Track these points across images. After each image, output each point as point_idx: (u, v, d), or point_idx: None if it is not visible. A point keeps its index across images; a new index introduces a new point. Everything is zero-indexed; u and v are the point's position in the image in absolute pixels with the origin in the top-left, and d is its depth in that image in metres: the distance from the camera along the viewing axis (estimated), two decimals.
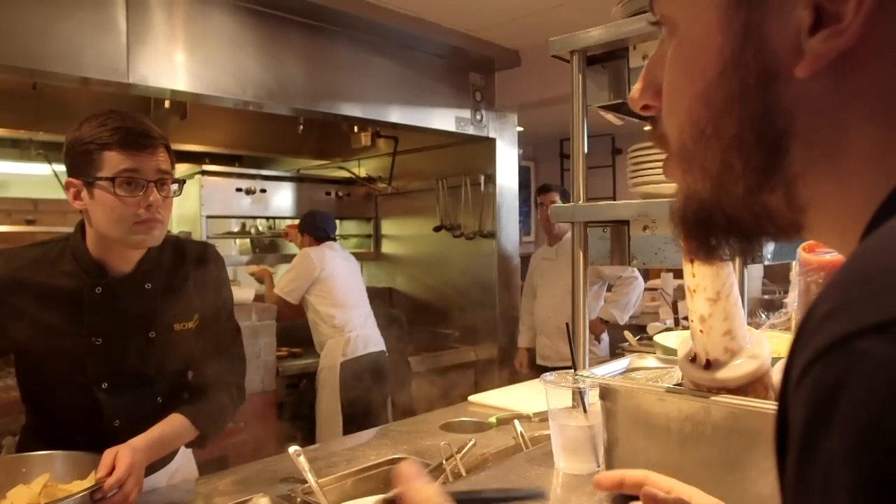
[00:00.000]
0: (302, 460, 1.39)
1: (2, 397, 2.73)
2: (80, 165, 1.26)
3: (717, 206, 0.42)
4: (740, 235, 0.43)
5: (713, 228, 0.43)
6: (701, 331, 0.93)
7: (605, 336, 3.66)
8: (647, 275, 4.10)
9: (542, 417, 1.85)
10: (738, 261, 1.05)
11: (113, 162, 1.24)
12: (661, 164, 1.35)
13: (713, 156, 0.41)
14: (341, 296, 3.48)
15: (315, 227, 3.57)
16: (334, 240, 3.65)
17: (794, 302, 0.96)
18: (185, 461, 1.58)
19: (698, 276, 0.90)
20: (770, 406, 0.90)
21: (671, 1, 0.43)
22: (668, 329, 3.18)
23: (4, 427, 2.56)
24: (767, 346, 0.95)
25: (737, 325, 0.92)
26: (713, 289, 0.90)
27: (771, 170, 0.38)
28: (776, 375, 0.95)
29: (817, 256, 0.87)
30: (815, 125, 0.37)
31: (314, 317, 3.50)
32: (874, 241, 0.33)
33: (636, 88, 0.47)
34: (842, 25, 0.34)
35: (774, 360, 0.96)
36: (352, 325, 3.45)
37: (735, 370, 0.92)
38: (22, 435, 1.45)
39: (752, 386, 0.92)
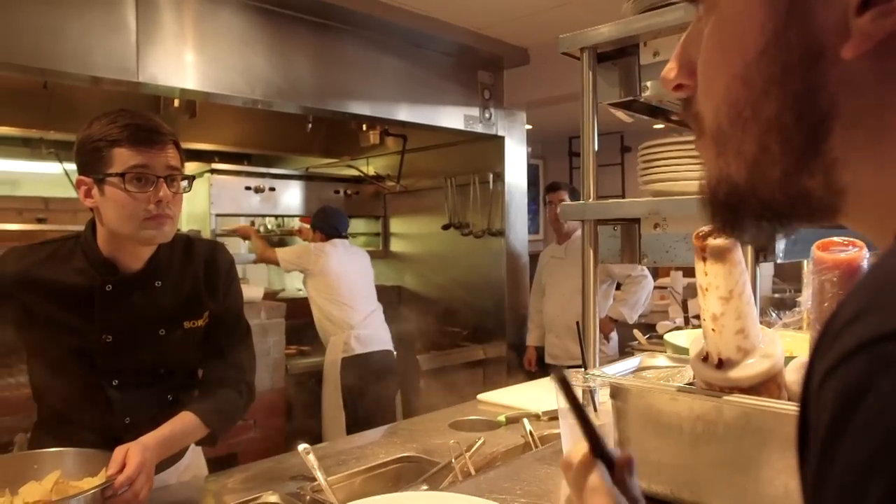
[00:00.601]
0: (311, 458, 1.40)
1: (13, 394, 2.75)
2: (91, 163, 1.26)
3: (751, 191, 0.41)
4: (773, 218, 0.42)
5: (744, 212, 0.42)
6: (713, 329, 0.92)
7: (614, 335, 3.65)
8: (656, 273, 4.08)
9: (551, 416, 1.85)
10: (750, 259, 1.04)
11: (123, 158, 1.24)
12: (672, 161, 1.34)
13: (750, 139, 0.39)
14: (345, 293, 3.48)
15: (326, 225, 3.57)
16: (345, 237, 3.65)
17: (807, 301, 0.95)
18: (194, 458, 1.58)
19: (711, 274, 0.89)
20: (783, 406, 0.89)
21: None
22: (678, 328, 3.17)
23: (16, 424, 2.58)
24: (780, 346, 0.94)
25: (749, 324, 0.91)
26: (726, 287, 0.89)
27: (811, 153, 0.37)
28: (789, 375, 0.94)
29: (831, 255, 0.86)
30: (858, 107, 0.36)
31: (317, 312, 3.52)
32: None
33: (669, 67, 0.46)
34: (892, 4, 0.33)
35: (787, 360, 0.95)
36: (354, 323, 3.45)
37: (748, 369, 0.91)
38: (33, 432, 1.46)
39: (764, 385, 0.91)
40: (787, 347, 0.96)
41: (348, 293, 3.48)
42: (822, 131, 0.37)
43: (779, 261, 1.11)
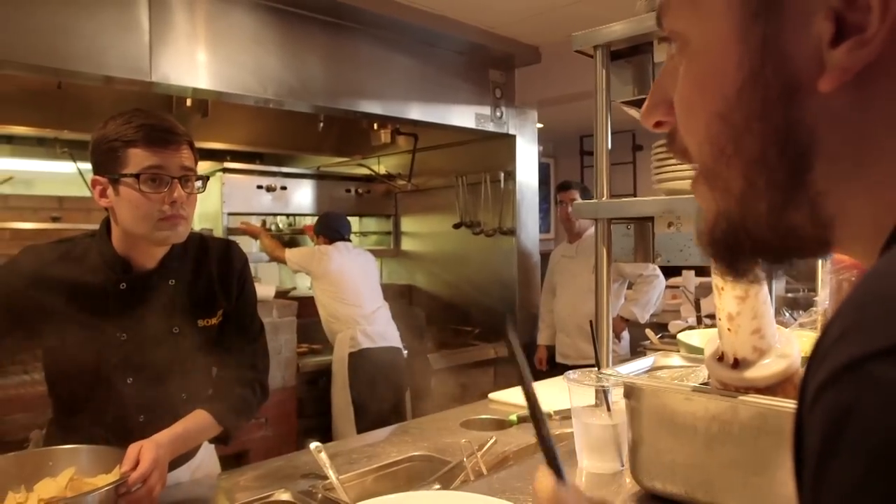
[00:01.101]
0: (323, 456, 1.40)
1: (28, 391, 2.78)
2: (106, 163, 1.27)
3: (742, 228, 0.40)
4: (768, 256, 0.42)
5: (741, 251, 0.42)
6: (729, 329, 0.91)
7: (625, 334, 3.63)
8: (668, 272, 4.05)
9: (563, 416, 1.84)
10: None
11: (138, 159, 1.25)
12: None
13: (735, 174, 0.39)
14: (350, 292, 3.49)
15: (328, 229, 3.60)
16: (348, 240, 3.68)
17: (824, 301, 0.94)
18: (207, 456, 1.59)
19: None
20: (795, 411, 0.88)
21: (681, 16, 0.41)
22: (690, 327, 3.14)
23: (31, 421, 2.60)
24: (797, 346, 0.93)
25: (766, 324, 0.90)
26: (742, 287, 0.88)
27: (795, 187, 0.37)
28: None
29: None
30: (838, 139, 0.36)
31: (323, 312, 3.55)
32: (890, 260, 0.32)
33: (645, 107, 0.46)
34: (866, 36, 0.32)
35: (804, 360, 0.94)
36: (359, 320, 3.46)
37: (764, 369, 0.90)
38: (48, 429, 1.47)
39: (781, 386, 0.90)
40: (803, 347, 0.95)
41: (353, 292, 3.51)
42: (804, 164, 0.37)
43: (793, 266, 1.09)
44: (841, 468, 0.27)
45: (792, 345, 0.92)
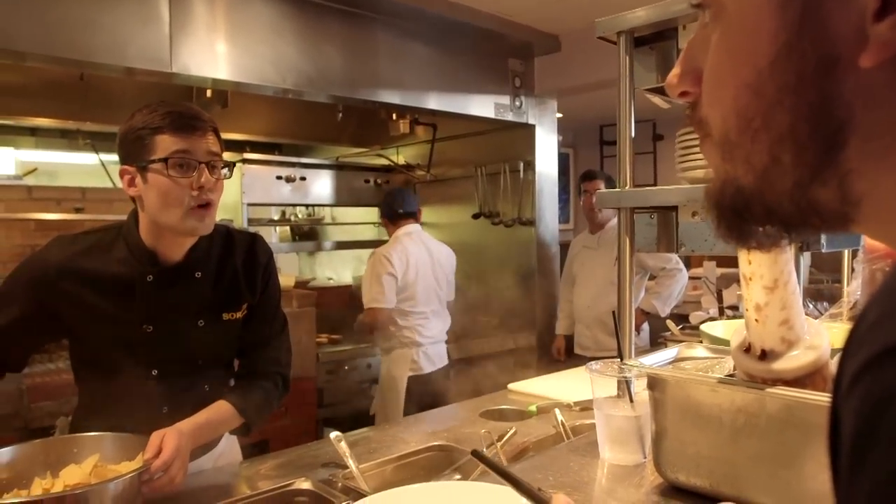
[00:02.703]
0: (343, 446, 1.40)
1: (55, 380, 2.82)
2: (134, 152, 1.28)
3: (758, 197, 0.39)
4: (780, 225, 0.40)
5: (750, 216, 0.41)
6: (756, 320, 0.89)
7: (645, 326, 3.60)
8: (688, 263, 4.01)
9: (583, 406, 1.83)
10: (794, 248, 1.00)
11: (165, 144, 1.26)
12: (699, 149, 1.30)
13: (760, 149, 0.38)
14: (418, 298, 3.13)
15: (387, 207, 3.29)
16: (415, 219, 3.32)
17: (856, 291, 0.92)
18: (229, 445, 1.60)
19: (755, 263, 0.86)
20: (829, 399, 0.86)
21: None
22: (711, 318, 3.11)
23: (58, 409, 2.65)
24: (827, 337, 0.91)
25: (794, 315, 0.88)
26: (770, 276, 0.86)
27: (825, 164, 0.36)
28: (835, 368, 0.90)
29: (882, 243, 0.82)
30: (875, 116, 0.34)
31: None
32: None
33: (674, 73, 0.45)
34: None
35: (834, 352, 0.92)
36: (424, 334, 3.14)
37: (792, 361, 0.88)
38: (74, 416, 1.49)
39: (809, 378, 0.88)
40: (832, 339, 0.93)
41: (421, 297, 3.12)
42: (837, 142, 0.35)
43: (823, 250, 1.07)
44: (879, 456, 0.27)
45: (821, 336, 0.90)
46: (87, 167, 3.71)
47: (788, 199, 0.38)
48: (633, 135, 1.35)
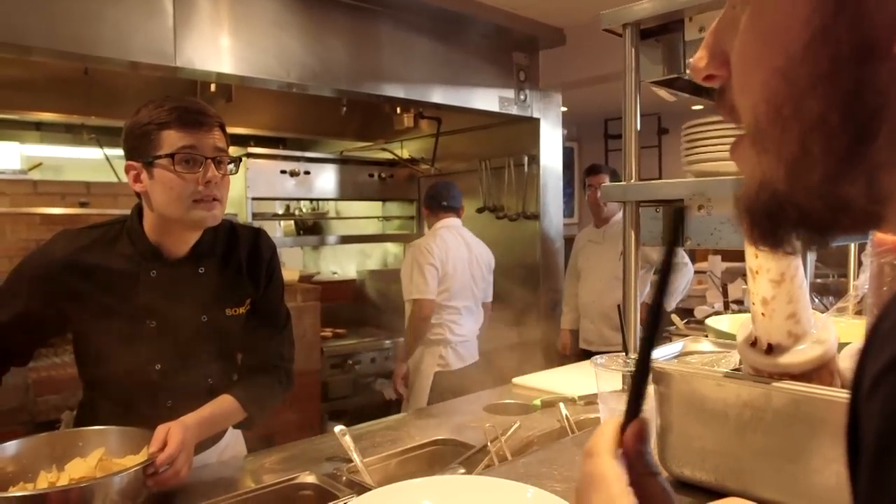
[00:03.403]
0: (347, 440, 1.40)
1: (60, 374, 2.83)
2: (140, 147, 1.27)
3: (790, 198, 0.38)
4: (812, 229, 0.39)
5: (783, 221, 0.39)
6: (763, 314, 0.88)
7: None
8: (693, 257, 4.00)
9: (588, 401, 1.83)
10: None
11: (171, 140, 1.25)
12: (717, 140, 1.29)
13: (790, 139, 0.36)
14: (453, 292, 3.08)
15: (430, 198, 3.27)
16: (456, 214, 3.27)
17: (864, 284, 0.91)
18: (234, 439, 1.60)
19: (761, 256, 0.86)
20: (836, 393, 0.85)
21: None
22: (717, 313, 3.10)
23: (63, 402, 2.66)
24: (834, 331, 0.90)
25: (801, 309, 0.87)
26: (777, 270, 0.85)
27: (854, 156, 0.35)
28: (843, 362, 0.90)
29: (893, 236, 0.81)
30: None
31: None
32: None
33: (699, 56, 0.43)
34: None
35: (841, 347, 0.91)
36: (456, 331, 3.10)
37: (799, 355, 0.87)
38: (79, 410, 1.49)
39: (816, 372, 0.88)
40: (839, 333, 0.92)
41: (456, 291, 3.08)
42: (868, 133, 0.34)
43: (833, 244, 1.06)
44: None
45: (828, 330, 0.89)
46: (92, 162, 3.72)
47: (818, 196, 0.36)
48: (638, 128, 1.34)
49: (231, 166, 1.34)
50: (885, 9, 0.32)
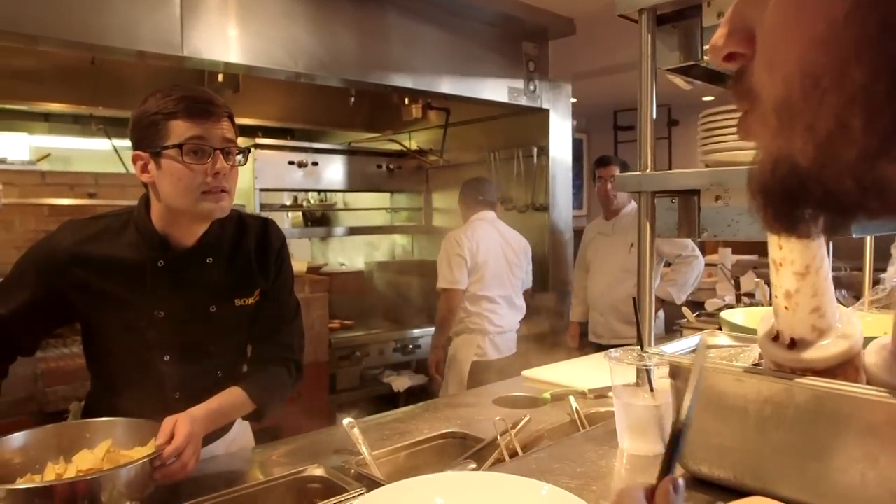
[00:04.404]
0: (356, 432, 1.39)
1: (68, 364, 2.83)
2: (148, 137, 1.25)
3: (815, 175, 0.34)
4: (835, 211, 0.36)
5: (803, 201, 0.36)
6: (786, 307, 0.86)
7: (660, 313, 3.56)
8: (703, 249, 3.96)
9: (598, 394, 1.80)
10: None
11: (179, 130, 1.23)
12: (736, 129, 1.26)
13: (827, 112, 0.33)
14: (487, 281, 3.12)
15: (466, 192, 3.34)
16: (490, 207, 3.33)
17: (893, 277, 0.88)
18: (242, 431, 1.59)
19: (786, 248, 0.83)
20: (861, 390, 0.82)
21: None
22: (728, 306, 3.07)
23: (71, 393, 2.66)
24: (859, 326, 0.87)
25: (826, 302, 0.85)
26: (802, 262, 0.83)
27: None
28: (869, 357, 0.87)
29: None
30: None
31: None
32: None
33: (720, 34, 0.39)
34: None
35: (867, 341, 0.88)
36: (495, 322, 3.13)
37: (823, 350, 0.85)
38: (87, 401, 1.48)
39: (841, 368, 0.85)
40: (865, 328, 0.89)
41: (492, 283, 3.12)
42: None
43: (854, 235, 1.03)
44: None
45: (853, 325, 0.86)
46: (100, 152, 3.71)
47: (850, 175, 0.33)
48: (654, 116, 1.31)
49: (240, 157, 1.32)
50: None
